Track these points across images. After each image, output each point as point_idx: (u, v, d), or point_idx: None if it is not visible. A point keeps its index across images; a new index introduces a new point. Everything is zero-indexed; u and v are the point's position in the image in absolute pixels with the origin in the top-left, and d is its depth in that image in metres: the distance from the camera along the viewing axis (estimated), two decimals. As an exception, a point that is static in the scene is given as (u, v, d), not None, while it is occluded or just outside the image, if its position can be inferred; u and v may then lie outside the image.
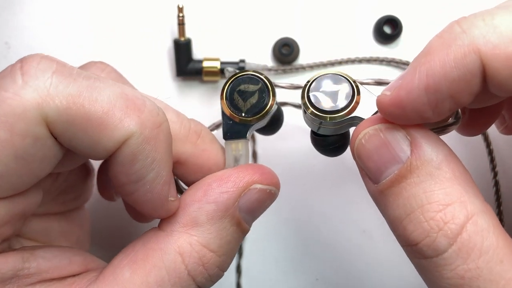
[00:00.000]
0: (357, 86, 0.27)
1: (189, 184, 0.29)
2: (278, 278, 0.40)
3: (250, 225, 0.28)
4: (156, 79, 0.40)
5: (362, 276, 0.40)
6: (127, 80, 0.31)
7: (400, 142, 0.23)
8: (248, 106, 0.28)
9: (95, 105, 0.22)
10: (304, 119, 0.29)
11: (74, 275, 0.26)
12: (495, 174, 0.37)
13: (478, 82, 0.21)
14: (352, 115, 0.26)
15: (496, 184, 0.37)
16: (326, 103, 0.27)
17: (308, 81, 0.27)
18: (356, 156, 0.25)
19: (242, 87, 0.28)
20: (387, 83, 0.29)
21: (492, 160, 0.37)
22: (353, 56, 0.40)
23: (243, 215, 0.26)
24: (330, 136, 0.29)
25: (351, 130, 0.27)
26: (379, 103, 0.23)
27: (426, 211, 0.22)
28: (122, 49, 0.40)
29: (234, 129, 0.28)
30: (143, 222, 0.35)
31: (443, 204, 0.21)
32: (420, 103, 0.21)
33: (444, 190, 0.22)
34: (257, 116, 0.28)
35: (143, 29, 0.40)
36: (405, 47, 0.40)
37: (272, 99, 0.28)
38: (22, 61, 0.23)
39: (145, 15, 0.40)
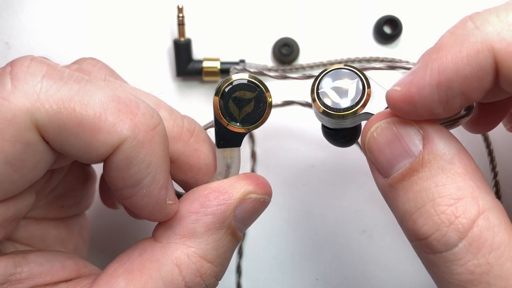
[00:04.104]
0: (366, 79, 0.26)
1: (177, 181, 0.29)
2: (278, 278, 0.40)
3: (242, 233, 0.28)
4: (156, 79, 0.40)
5: (362, 276, 0.40)
6: (119, 75, 0.31)
7: (412, 136, 0.23)
8: (244, 115, 0.27)
9: (87, 109, 0.22)
10: (315, 114, 0.28)
11: (66, 281, 0.25)
12: (495, 174, 0.36)
13: (490, 79, 0.20)
14: (364, 111, 0.26)
15: (496, 184, 0.36)
16: (337, 100, 0.26)
17: (317, 77, 0.27)
18: (367, 150, 0.24)
19: (238, 93, 0.27)
20: (400, 68, 0.29)
21: (492, 160, 0.37)
22: (353, 56, 0.40)
23: (237, 224, 0.26)
24: (342, 130, 0.28)
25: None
26: (389, 98, 0.23)
27: (437, 204, 0.21)
28: (122, 49, 0.40)
29: (227, 137, 0.28)
30: (139, 219, 0.35)
31: (454, 198, 0.21)
32: (431, 100, 0.21)
33: (456, 184, 0.22)
34: (252, 126, 0.27)
35: (143, 29, 0.40)
36: (405, 47, 0.40)
37: (268, 109, 0.27)
38: (12, 64, 0.22)
39: (145, 15, 0.40)
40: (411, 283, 0.40)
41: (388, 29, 0.39)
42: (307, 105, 0.36)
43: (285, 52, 0.39)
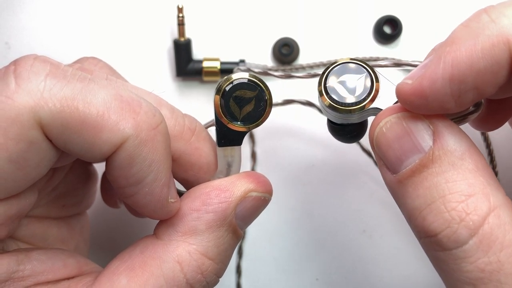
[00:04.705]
0: (375, 74, 0.26)
1: (178, 180, 0.29)
2: (278, 278, 0.40)
3: (243, 231, 0.28)
4: (156, 79, 0.40)
5: (362, 276, 0.40)
6: (120, 74, 0.31)
7: (422, 132, 0.22)
8: (244, 114, 0.27)
9: (90, 108, 0.22)
10: (321, 108, 0.28)
11: (68, 278, 0.25)
12: (495, 174, 0.37)
13: (505, 73, 0.20)
14: (372, 106, 0.25)
15: (496, 184, 0.36)
16: (345, 95, 0.26)
17: (325, 70, 0.26)
18: (375, 145, 0.24)
19: (238, 92, 0.27)
20: (406, 65, 0.28)
21: (492, 160, 0.37)
22: (353, 56, 0.40)
23: (238, 221, 0.26)
24: (348, 125, 0.28)
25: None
26: (399, 91, 0.22)
27: (447, 201, 0.21)
28: (122, 49, 0.40)
29: (228, 136, 0.28)
30: (141, 217, 0.35)
31: (465, 195, 0.21)
32: (443, 94, 0.21)
33: (466, 180, 0.21)
34: (253, 125, 0.27)
35: (143, 29, 0.40)
36: (405, 47, 0.40)
37: (268, 108, 0.27)
38: (15, 63, 0.22)
39: (145, 15, 0.40)
40: (412, 283, 0.40)
41: (388, 29, 0.40)
42: (308, 104, 0.36)
43: (285, 52, 0.39)
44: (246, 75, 0.27)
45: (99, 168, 0.33)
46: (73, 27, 0.40)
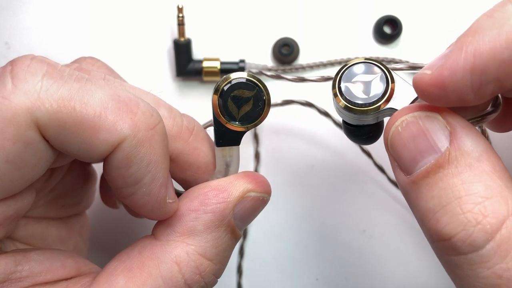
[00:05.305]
0: (390, 74, 0.25)
1: (176, 180, 0.29)
2: (279, 278, 0.40)
3: (242, 231, 0.28)
4: (156, 79, 0.40)
5: (362, 276, 0.40)
6: (118, 74, 0.31)
7: (439, 132, 0.22)
8: (242, 114, 0.27)
9: (87, 108, 0.22)
10: (336, 109, 0.28)
11: (67, 279, 0.25)
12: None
13: None
14: (387, 106, 0.25)
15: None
16: (359, 95, 0.25)
17: (339, 71, 0.26)
18: (390, 145, 0.23)
19: (236, 92, 0.27)
20: (421, 67, 0.28)
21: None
22: (353, 56, 0.40)
23: (236, 222, 0.26)
24: (364, 126, 0.28)
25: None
26: (417, 82, 0.22)
27: (464, 202, 0.20)
28: (122, 50, 0.40)
29: (227, 136, 0.28)
30: (140, 218, 0.35)
31: (482, 197, 0.20)
32: (463, 85, 0.20)
33: (484, 182, 0.20)
34: (251, 124, 0.27)
35: (143, 29, 0.40)
36: (405, 47, 0.40)
37: (266, 108, 0.27)
38: (12, 63, 0.22)
39: (145, 15, 0.40)
40: (412, 283, 0.40)
41: (388, 29, 0.39)
42: (307, 104, 0.36)
43: (285, 52, 0.39)
44: (244, 74, 0.27)
45: (98, 168, 0.33)
46: (73, 27, 0.40)
